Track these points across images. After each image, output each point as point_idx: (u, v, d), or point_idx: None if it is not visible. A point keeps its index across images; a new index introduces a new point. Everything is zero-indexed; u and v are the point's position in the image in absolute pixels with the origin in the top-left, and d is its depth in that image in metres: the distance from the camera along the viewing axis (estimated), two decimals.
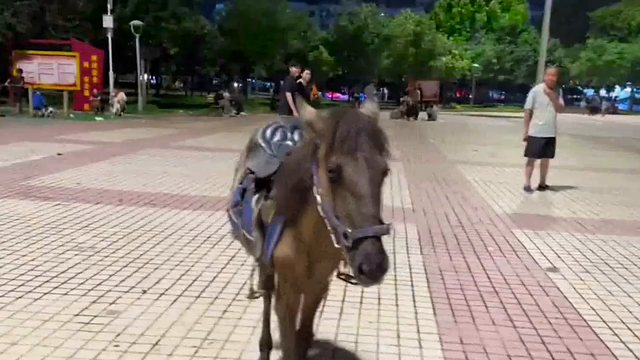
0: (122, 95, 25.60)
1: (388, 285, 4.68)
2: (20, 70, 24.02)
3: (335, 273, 2.62)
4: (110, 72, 26.25)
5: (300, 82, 11.78)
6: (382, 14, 58.72)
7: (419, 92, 34.81)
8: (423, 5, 73.12)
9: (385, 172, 2.00)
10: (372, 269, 1.85)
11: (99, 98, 24.98)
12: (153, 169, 10.09)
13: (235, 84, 24.57)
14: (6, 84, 24.35)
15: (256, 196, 2.62)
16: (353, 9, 55.57)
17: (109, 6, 26.20)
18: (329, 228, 2.03)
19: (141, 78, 30.52)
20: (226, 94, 31.41)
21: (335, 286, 3.08)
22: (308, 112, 2.14)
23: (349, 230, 1.90)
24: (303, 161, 2.21)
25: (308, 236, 2.32)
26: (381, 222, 1.91)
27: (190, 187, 8.54)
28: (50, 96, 24.27)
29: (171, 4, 30.98)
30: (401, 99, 34.43)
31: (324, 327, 3.86)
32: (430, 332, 3.90)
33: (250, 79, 60.06)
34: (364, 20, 54.03)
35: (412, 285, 4.77)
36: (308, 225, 2.28)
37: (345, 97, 66.82)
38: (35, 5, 27.25)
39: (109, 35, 25.82)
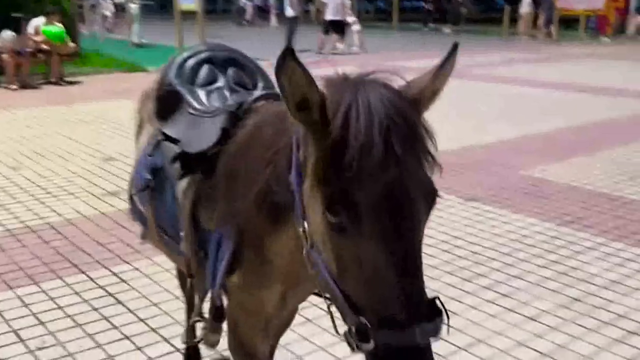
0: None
1: None
2: None
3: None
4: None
5: None
6: None
7: None
8: None
9: (433, 197, 1.14)
10: None
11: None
12: None
13: None
14: None
15: (184, 182, 1.74)
16: None
17: None
18: (327, 295, 1.19)
19: None
20: None
21: None
22: (289, 66, 1.08)
23: (369, 326, 1.04)
24: (277, 158, 1.33)
25: (282, 261, 1.50)
26: (424, 312, 1.05)
27: None
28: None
29: None
30: None
31: None
32: None
33: None
34: None
35: None
36: (282, 248, 1.46)
37: None
38: None
39: None
